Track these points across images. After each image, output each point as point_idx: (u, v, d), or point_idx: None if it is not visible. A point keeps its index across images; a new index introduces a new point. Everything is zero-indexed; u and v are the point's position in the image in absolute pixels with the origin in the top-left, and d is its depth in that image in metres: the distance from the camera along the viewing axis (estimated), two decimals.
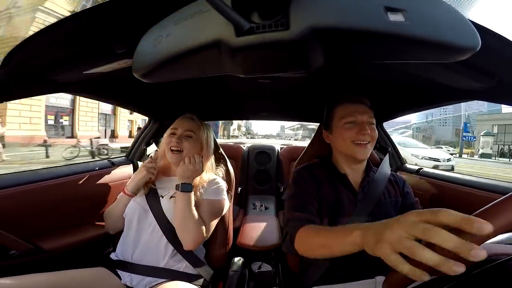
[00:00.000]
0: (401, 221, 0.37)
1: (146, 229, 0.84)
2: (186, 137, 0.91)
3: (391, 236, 0.36)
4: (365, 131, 0.75)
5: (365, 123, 0.77)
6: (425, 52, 0.31)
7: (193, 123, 0.94)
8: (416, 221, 0.35)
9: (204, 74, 0.39)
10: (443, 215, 0.33)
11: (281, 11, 0.29)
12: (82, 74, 0.62)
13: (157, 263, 0.81)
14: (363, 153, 0.77)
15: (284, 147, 2.34)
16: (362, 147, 0.76)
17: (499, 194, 0.83)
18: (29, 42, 0.48)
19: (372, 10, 0.27)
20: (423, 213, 0.35)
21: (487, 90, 0.61)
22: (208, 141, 0.97)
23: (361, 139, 0.75)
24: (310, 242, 0.60)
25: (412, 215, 0.37)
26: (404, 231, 0.35)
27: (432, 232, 0.32)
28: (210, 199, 0.89)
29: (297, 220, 0.68)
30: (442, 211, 0.33)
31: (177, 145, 0.88)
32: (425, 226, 0.33)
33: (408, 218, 0.37)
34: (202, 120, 0.99)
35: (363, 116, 0.77)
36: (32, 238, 0.89)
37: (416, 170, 1.30)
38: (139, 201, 0.88)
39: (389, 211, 0.78)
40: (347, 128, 0.77)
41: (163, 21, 0.37)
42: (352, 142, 0.76)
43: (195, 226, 0.80)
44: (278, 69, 0.35)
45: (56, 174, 1.02)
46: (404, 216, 0.38)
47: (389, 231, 0.37)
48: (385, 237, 0.37)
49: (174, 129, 0.93)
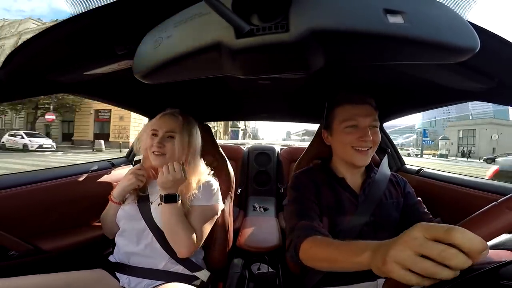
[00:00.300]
0: (407, 239, 0.34)
1: (140, 235, 0.82)
2: (169, 137, 0.84)
3: (400, 256, 0.34)
4: (367, 137, 0.71)
5: (367, 127, 0.72)
6: (425, 54, 0.31)
7: (175, 121, 0.86)
8: (424, 238, 0.33)
9: (204, 75, 0.39)
10: (457, 236, 0.30)
11: (281, 14, 0.29)
12: (83, 75, 0.63)
13: (155, 266, 0.81)
14: (363, 160, 0.74)
15: (284, 148, 2.35)
16: (362, 153, 0.72)
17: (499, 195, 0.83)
18: (30, 43, 0.49)
19: (371, 12, 0.28)
20: (432, 229, 0.33)
21: (487, 91, 0.61)
22: (192, 140, 0.87)
23: (363, 145, 0.72)
24: (315, 254, 0.58)
25: (419, 230, 0.34)
26: (413, 250, 0.33)
27: (449, 255, 0.31)
28: (202, 205, 0.84)
29: (302, 230, 0.65)
30: (456, 230, 0.31)
31: (159, 149, 0.82)
32: (439, 248, 0.31)
33: (415, 235, 0.34)
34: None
35: (366, 120, 0.72)
36: (32, 238, 0.89)
37: (416, 171, 1.30)
38: (128, 210, 0.85)
39: (390, 212, 0.77)
40: (347, 133, 0.73)
41: (163, 23, 0.37)
42: (352, 148, 0.73)
43: (185, 236, 0.77)
44: (278, 70, 0.36)
45: (56, 175, 1.02)
46: (410, 232, 0.35)
47: (396, 250, 0.35)
48: (392, 257, 0.35)
49: (155, 130, 0.85)
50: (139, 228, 0.82)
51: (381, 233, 0.74)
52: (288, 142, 9.71)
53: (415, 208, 0.78)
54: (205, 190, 0.86)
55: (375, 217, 0.75)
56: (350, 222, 0.74)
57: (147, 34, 0.39)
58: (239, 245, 1.20)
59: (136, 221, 0.83)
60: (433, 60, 0.34)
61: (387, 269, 0.35)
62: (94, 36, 0.49)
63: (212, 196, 0.87)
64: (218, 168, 1.10)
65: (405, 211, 0.79)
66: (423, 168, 1.30)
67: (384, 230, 0.75)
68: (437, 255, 0.31)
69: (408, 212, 0.78)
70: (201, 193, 0.84)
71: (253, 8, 0.30)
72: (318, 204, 0.75)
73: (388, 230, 0.76)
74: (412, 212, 0.78)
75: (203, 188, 0.85)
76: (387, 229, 0.76)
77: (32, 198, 0.92)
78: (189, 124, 0.88)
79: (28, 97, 0.69)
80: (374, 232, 0.75)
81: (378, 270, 0.38)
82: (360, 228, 0.74)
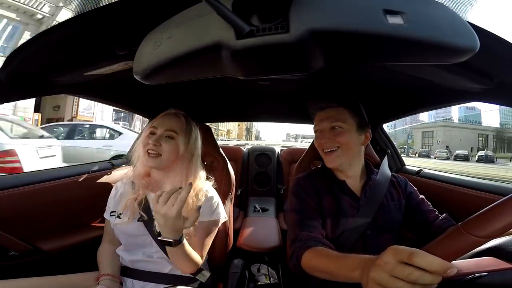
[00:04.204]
0: (381, 263, 0.40)
1: (146, 249, 0.78)
2: (167, 138, 0.78)
3: (377, 277, 0.40)
4: (325, 139, 0.76)
5: (326, 130, 0.77)
6: (424, 54, 0.31)
7: (177, 121, 0.80)
8: (395, 261, 0.38)
9: (204, 76, 0.39)
10: (417, 261, 0.36)
11: (281, 14, 0.29)
12: (83, 76, 0.63)
13: (159, 270, 0.78)
14: (330, 161, 0.77)
15: (284, 149, 2.34)
16: (328, 155, 0.77)
17: (499, 196, 0.83)
18: (31, 44, 0.49)
19: (371, 12, 0.28)
20: (399, 253, 0.39)
21: (487, 92, 0.61)
22: (193, 144, 0.81)
23: (325, 146, 0.77)
24: (316, 266, 0.61)
25: (390, 254, 0.40)
26: (387, 273, 0.38)
27: (415, 277, 0.36)
28: (204, 221, 0.78)
29: (304, 240, 0.67)
30: (416, 255, 0.37)
31: (154, 148, 0.75)
32: (407, 271, 0.37)
33: (386, 259, 0.39)
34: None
35: (323, 123, 0.78)
36: (32, 239, 0.89)
37: (416, 171, 1.30)
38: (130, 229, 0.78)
39: (392, 214, 0.77)
40: (317, 137, 0.81)
41: (163, 23, 0.37)
42: (322, 151, 0.79)
43: (190, 263, 0.72)
44: (278, 71, 0.36)
45: (56, 175, 1.02)
46: (383, 256, 0.40)
47: (373, 272, 0.40)
48: (371, 278, 0.41)
49: (154, 128, 0.79)
50: (144, 243, 0.78)
51: (384, 236, 0.75)
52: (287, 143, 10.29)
53: (418, 208, 0.78)
54: (208, 203, 0.81)
55: (378, 220, 0.75)
56: (352, 225, 0.74)
57: (147, 34, 0.39)
58: (239, 246, 1.20)
59: (141, 236, 0.78)
60: (432, 61, 0.34)
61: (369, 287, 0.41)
62: (95, 37, 0.49)
63: (214, 210, 0.83)
64: (218, 169, 1.10)
65: (408, 212, 0.79)
66: (423, 169, 1.30)
67: (387, 233, 0.75)
68: (406, 277, 0.37)
69: (412, 213, 0.78)
70: (203, 207, 0.76)
71: (253, 9, 0.30)
72: (319, 210, 0.76)
73: (391, 232, 0.76)
74: (416, 212, 0.78)
75: (204, 201, 0.79)
76: (390, 232, 0.76)
77: (32, 198, 0.92)
78: (191, 127, 0.83)
79: (28, 97, 0.70)
80: (377, 235, 0.75)
81: (364, 286, 0.44)
82: (362, 230, 0.74)
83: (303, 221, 0.73)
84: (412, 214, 0.78)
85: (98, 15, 0.43)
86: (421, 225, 0.76)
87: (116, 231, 0.81)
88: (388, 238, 0.75)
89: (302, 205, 0.76)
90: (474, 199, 0.93)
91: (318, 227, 0.72)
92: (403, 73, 0.67)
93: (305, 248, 0.65)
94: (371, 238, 0.74)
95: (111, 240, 0.84)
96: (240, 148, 2.30)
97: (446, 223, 0.71)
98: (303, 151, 1.12)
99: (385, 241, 0.74)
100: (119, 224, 0.79)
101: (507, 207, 0.36)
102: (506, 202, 0.36)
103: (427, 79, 0.65)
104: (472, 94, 0.67)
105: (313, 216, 0.74)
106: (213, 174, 0.93)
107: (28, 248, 0.86)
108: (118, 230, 0.80)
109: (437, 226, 0.71)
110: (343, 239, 0.73)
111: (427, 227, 0.74)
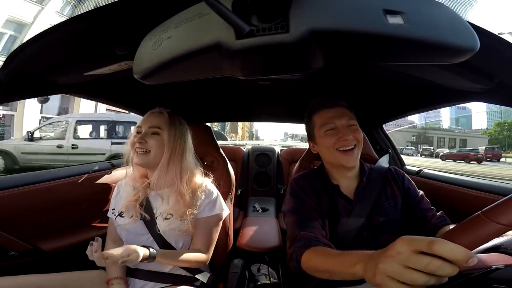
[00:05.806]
0: (393, 253, 0.36)
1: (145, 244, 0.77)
2: (152, 134, 0.79)
3: (388, 269, 0.36)
4: (347, 136, 0.73)
5: (345, 126, 0.74)
6: (424, 54, 0.31)
7: (160, 118, 0.81)
8: (409, 251, 0.35)
9: (204, 76, 0.39)
10: (439, 248, 0.33)
11: (281, 14, 0.29)
12: (82, 75, 0.63)
13: (160, 269, 0.79)
14: (351, 161, 0.74)
15: (284, 149, 2.34)
16: (348, 154, 0.73)
17: (500, 196, 0.83)
18: (30, 44, 0.49)
19: (371, 12, 0.28)
20: (415, 242, 0.35)
21: (486, 92, 0.61)
22: (180, 138, 0.82)
23: (345, 144, 0.73)
24: (316, 265, 0.61)
25: (403, 244, 0.36)
26: (401, 264, 0.35)
27: (435, 267, 0.33)
28: (206, 216, 0.81)
29: (304, 241, 0.67)
30: (437, 242, 0.33)
31: (141, 145, 0.76)
32: (425, 261, 0.33)
33: (399, 249, 0.36)
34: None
35: (342, 120, 0.75)
36: (31, 238, 0.89)
37: (416, 171, 1.30)
38: (132, 228, 0.79)
39: (388, 214, 0.76)
40: (329, 135, 0.75)
41: (163, 23, 0.37)
42: (337, 150, 0.74)
43: (190, 263, 0.78)
44: (278, 71, 0.36)
45: (57, 175, 1.02)
46: (395, 246, 0.37)
47: (383, 264, 0.37)
48: (381, 270, 0.37)
49: (139, 127, 0.81)
50: (145, 242, 0.78)
51: (383, 237, 0.74)
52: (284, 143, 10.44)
53: (417, 206, 0.77)
54: (207, 199, 0.82)
55: (373, 221, 0.74)
56: (347, 225, 0.74)
57: (147, 34, 0.39)
58: (239, 246, 1.20)
59: (142, 235, 0.79)
60: (433, 61, 0.34)
61: (377, 281, 0.38)
62: (94, 37, 0.49)
63: (215, 205, 0.83)
64: (218, 169, 1.10)
65: (407, 210, 0.78)
66: (423, 169, 1.30)
67: (386, 234, 0.75)
68: (424, 267, 0.33)
69: (410, 211, 0.78)
70: (203, 203, 0.81)
71: (253, 8, 0.30)
72: (319, 210, 0.75)
73: (389, 232, 0.75)
74: (414, 210, 0.77)
75: (204, 198, 0.81)
76: (388, 232, 0.75)
77: (32, 198, 0.92)
78: (176, 121, 0.83)
79: (28, 97, 0.70)
80: (374, 236, 0.74)
81: (370, 281, 0.41)
82: (357, 231, 0.74)
83: (302, 221, 0.72)
84: (411, 212, 0.78)
85: (98, 15, 0.43)
86: (418, 223, 0.75)
87: (118, 230, 0.83)
88: (387, 239, 0.74)
89: (301, 205, 0.76)
90: (474, 199, 0.93)
91: (317, 227, 0.71)
92: (403, 73, 0.67)
93: (304, 248, 0.64)
94: (368, 240, 0.74)
95: (114, 239, 0.85)
96: (240, 148, 2.30)
97: (441, 222, 0.71)
98: (303, 151, 1.12)
99: (384, 242, 0.73)
100: (121, 224, 0.80)
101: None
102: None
103: (427, 79, 0.65)
104: (472, 94, 0.67)
105: (312, 216, 0.73)
106: (213, 174, 0.93)
107: (28, 248, 0.86)
108: (120, 229, 0.82)
109: (432, 224, 0.72)
110: (338, 241, 0.73)
111: (423, 224, 0.74)
